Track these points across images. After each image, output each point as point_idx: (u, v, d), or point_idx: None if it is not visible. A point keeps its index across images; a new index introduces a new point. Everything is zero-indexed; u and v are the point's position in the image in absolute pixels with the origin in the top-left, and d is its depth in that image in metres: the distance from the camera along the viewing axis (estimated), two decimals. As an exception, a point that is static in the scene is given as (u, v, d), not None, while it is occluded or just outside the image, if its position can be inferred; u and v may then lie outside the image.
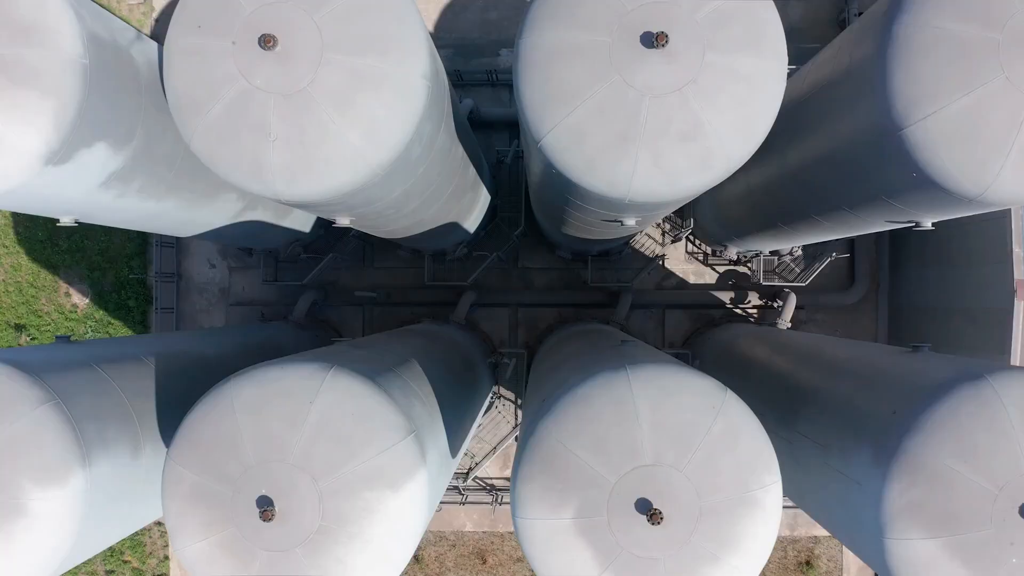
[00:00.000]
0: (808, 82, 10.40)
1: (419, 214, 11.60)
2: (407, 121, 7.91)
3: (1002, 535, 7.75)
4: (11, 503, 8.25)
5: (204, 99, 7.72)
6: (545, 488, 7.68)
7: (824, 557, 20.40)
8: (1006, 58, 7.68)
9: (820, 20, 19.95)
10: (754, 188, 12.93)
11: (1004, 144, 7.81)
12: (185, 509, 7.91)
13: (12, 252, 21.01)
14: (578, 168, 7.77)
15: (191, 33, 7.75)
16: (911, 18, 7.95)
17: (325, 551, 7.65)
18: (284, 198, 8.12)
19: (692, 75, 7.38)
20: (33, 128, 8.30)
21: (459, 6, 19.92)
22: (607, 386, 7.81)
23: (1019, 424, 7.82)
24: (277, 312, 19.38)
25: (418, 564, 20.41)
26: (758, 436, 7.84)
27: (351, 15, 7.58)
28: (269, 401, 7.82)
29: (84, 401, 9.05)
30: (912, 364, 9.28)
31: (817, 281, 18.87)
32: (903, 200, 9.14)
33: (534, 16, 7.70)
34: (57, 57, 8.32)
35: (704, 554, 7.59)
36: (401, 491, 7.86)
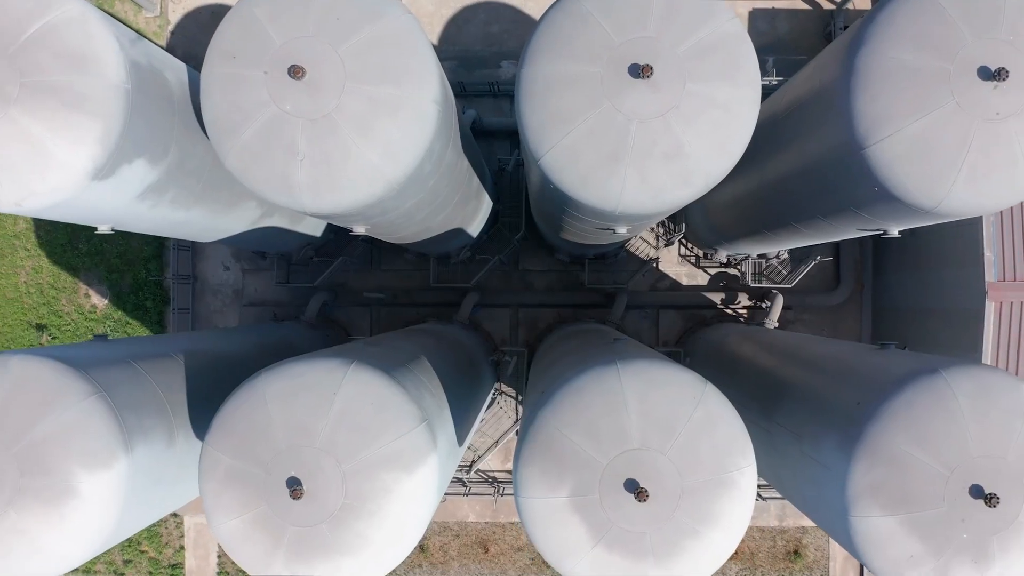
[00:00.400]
0: (785, 101, 11.32)
1: (427, 222, 12.51)
2: (420, 142, 8.82)
3: (953, 513, 8.66)
4: (62, 485, 9.15)
5: (239, 122, 8.63)
6: (544, 470, 8.60)
7: (812, 547, 21.31)
8: (956, 86, 8.59)
9: (807, 33, 20.87)
10: (740, 197, 13.85)
11: (955, 162, 8.72)
12: (221, 490, 8.82)
13: (33, 255, 21.91)
14: (573, 184, 8.68)
15: (227, 63, 8.66)
16: (872, 49, 8.87)
17: (347, 526, 8.56)
18: (310, 211, 9.03)
19: (674, 102, 8.29)
20: (82, 147, 9.21)
21: (462, 19, 20.84)
22: (599, 379, 8.73)
23: (969, 413, 8.73)
24: (288, 313, 20.29)
25: (423, 554, 21.32)
26: (734, 424, 8.76)
27: (370, 48, 8.49)
28: (297, 393, 8.73)
29: (124, 393, 9.96)
30: (877, 360, 10.20)
31: (804, 283, 19.79)
32: (869, 211, 10.06)
33: (534, 48, 8.61)
34: (103, 83, 9.23)
35: (686, 529, 8.50)
36: (415, 473, 8.77)
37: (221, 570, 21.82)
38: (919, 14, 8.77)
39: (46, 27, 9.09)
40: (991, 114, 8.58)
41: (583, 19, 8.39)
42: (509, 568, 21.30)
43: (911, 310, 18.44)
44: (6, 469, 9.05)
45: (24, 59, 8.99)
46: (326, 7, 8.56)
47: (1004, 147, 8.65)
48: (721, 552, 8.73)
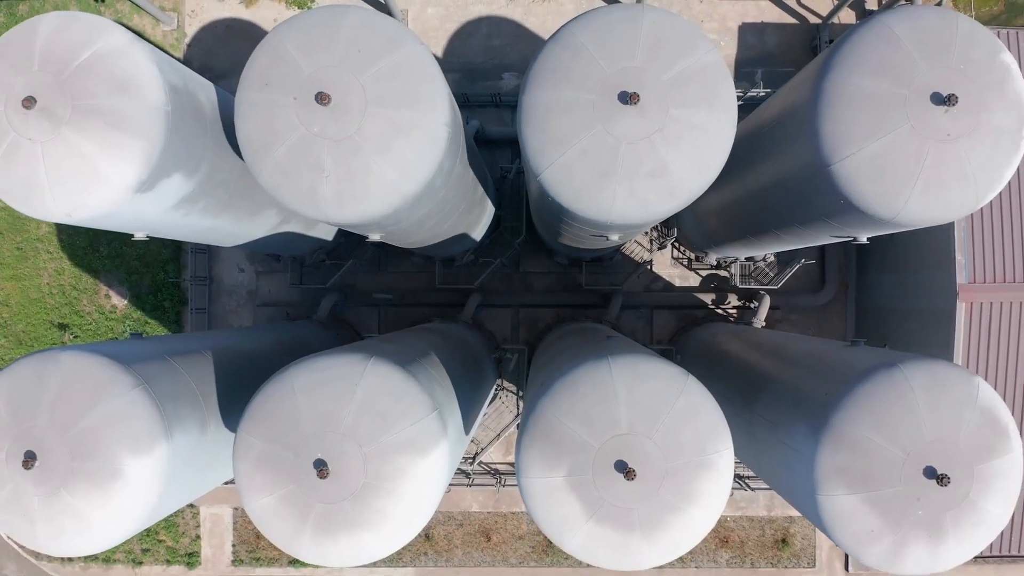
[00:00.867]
0: (764, 118, 12.36)
1: (436, 228, 13.55)
2: (432, 160, 9.85)
3: (909, 492, 9.69)
4: (110, 468, 10.17)
5: (271, 143, 9.66)
6: (543, 453, 9.63)
7: (799, 536, 22.35)
8: (911, 110, 9.62)
9: (794, 46, 21.91)
10: (726, 205, 14.88)
11: (911, 178, 9.75)
12: (254, 472, 9.84)
13: (56, 257, 22.93)
14: (569, 198, 9.71)
15: (260, 90, 9.69)
16: (837, 75, 9.90)
17: (368, 503, 9.58)
18: (333, 221, 10.06)
19: (659, 125, 9.32)
20: (127, 164, 10.23)
21: (465, 34, 21.87)
22: (592, 372, 9.76)
23: (923, 402, 9.76)
24: (300, 312, 21.33)
25: (429, 542, 22.36)
26: (713, 412, 9.78)
27: (389, 76, 9.52)
28: (322, 384, 9.76)
29: (163, 385, 10.99)
30: (845, 356, 11.23)
31: (791, 284, 20.83)
32: (838, 220, 11.09)
33: (534, 77, 9.64)
34: (145, 106, 10.26)
35: (669, 505, 9.52)
36: (428, 456, 9.80)
37: (235, 558, 22.85)
38: (879, 45, 9.81)
39: (94, 55, 10.12)
40: (943, 135, 9.61)
41: (578, 51, 9.42)
42: (510, 555, 22.33)
43: (891, 310, 19.47)
44: (59, 454, 10.07)
45: (75, 84, 10.02)
46: (349, 39, 9.58)
47: (954, 165, 9.68)
48: (701, 527, 9.75)
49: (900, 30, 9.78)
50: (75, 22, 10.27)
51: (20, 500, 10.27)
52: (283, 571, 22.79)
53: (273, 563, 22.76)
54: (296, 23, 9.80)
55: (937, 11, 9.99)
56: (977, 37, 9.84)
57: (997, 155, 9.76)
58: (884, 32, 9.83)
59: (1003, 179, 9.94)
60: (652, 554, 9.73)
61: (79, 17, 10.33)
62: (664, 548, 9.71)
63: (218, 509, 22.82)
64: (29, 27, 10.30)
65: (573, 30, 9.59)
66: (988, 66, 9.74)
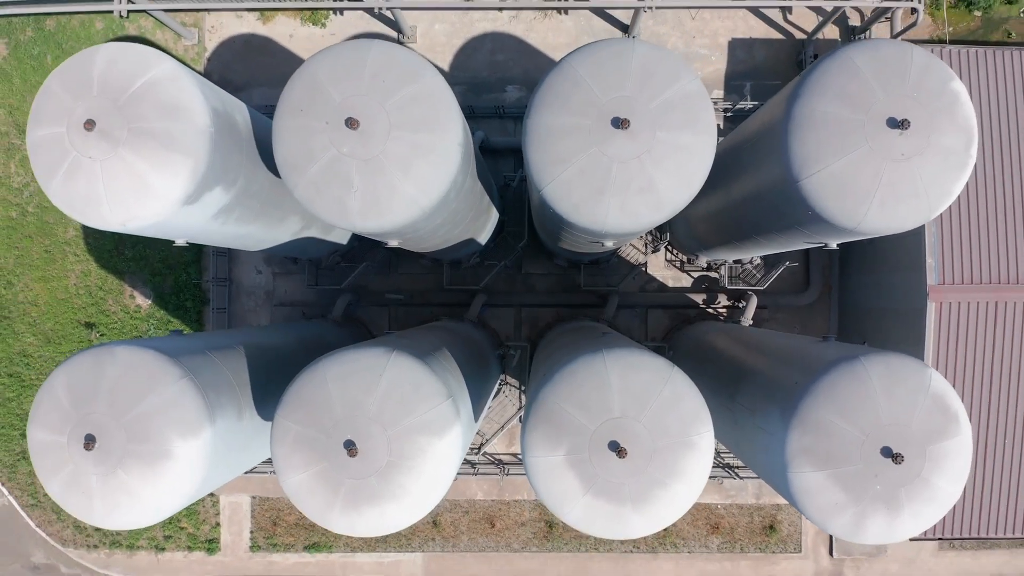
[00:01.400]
0: (744, 135, 13.66)
1: (447, 235, 14.85)
2: (447, 178, 11.15)
3: (868, 469, 10.98)
4: (161, 449, 11.45)
5: (305, 162, 10.95)
6: (545, 435, 10.92)
7: (786, 522, 23.65)
8: (869, 133, 10.90)
9: (781, 60, 23.20)
10: (712, 214, 16.19)
11: (869, 193, 11.04)
12: (290, 452, 11.13)
13: (83, 260, 24.22)
14: (567, 210, 11.01)
15: (295, 115, 10.99)
16: (804, 101, 11.20)
17: (391, 479, 10.88)
18: (359, 230, 11.36)
19: (647, 147, 10.61)
20: (176, 179, 11.52)
21: (471, 49, 23.16)
22: (589, 363, 11.06)
23: (880, 390, 11.05)
24: (316, 312, 22.63)
25: (436, 528, 23.66)
26: (696, 399, 11.08)
27: (410, 103, 10.82)
28: (351, 374, 11.06)
29: (205, 376, 12.28)
30: (815, 349, 12.53)
31: (778, 285, 22.13)
32: (809, 229, 12.38)
33: (537, 103, 10.93)
34: (192, 128, 11.55)
35: (656, 481, 10.81)
36: (444, 438, 11.11)
37: (253, 544, 24.14)
38: (842, 75, 11.10)
39: (147, 83, 11.42)
40: (897, 155, 10.90)
41: (577, 82, 10.72)
42: (513, 541, 23.63)
43: (870, 309, 20.78)
44: (117, 437, 11.36)
45: (130, 109, 11.32)
46: (375, 71, 10.88)
47: (908, 181, 10.98)
48: (685, 501, 11.05)
49: (861, 61, 11.07)
50: (129, 52, 11.55)
51: (80, 479, 11.54)
52: (299, 556, 24.09)
53: (289, 549, 24.07)
54: (327, 56, 11.09)
55: (894, 44, 11.28)
56: (930, 67, 11.11)
57: (946, 173, 11.05)
58: (847, 63, 11.12)
59: (952, 194, 11.23)
60: (642, 524, 11.01)
61: (133, 48, 11.62)
62: (652, 519, 11.00)
63: (237, 498, 24.12)
64: (87, 56, 11.58)
65: (572, 63, 10.88)
66: (939, 93, 11.02)
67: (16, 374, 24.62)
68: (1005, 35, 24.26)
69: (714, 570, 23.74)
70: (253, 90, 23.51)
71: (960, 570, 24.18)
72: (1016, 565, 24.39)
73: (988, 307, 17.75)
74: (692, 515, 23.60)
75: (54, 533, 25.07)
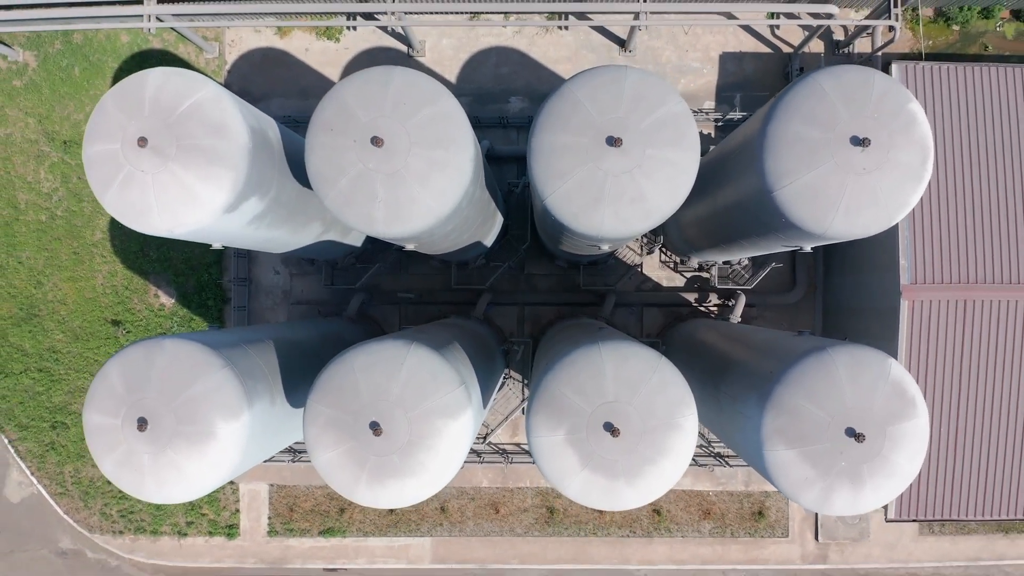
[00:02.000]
0: (727, 149, 15.06)
1: (457, 239, 16.26)
2: (460, 189, 12.56)
3: (834, 447, 12.37)
4: (206, 431, 12.84)
5: (335, 176, 12.36)
6: (547, 417, 12.33)
7: (773, 508, 25.06)
8: (834, 150, 12.29)
9: (769, 73, 24.60)
10: (700, 219, 17.60)
11: (835, 203, 12.44)
12: (321, 433, 12.53)
13: (109, 261, 25.63)
14: (567, 218, 12.41)
15: (326, 133, 12.39)
16: (778, 121, 12.59)
17: (411, 456, 12.28)
18: (382, 236, 12.77)
19: (638, 163, 12.02)
20: (219, 191, 12.92)
21: (476, 62, 24.57)
22: (586, 354, 12.46)
23: (845, 377, 12.44)
24: (331, 310, 24.04)
25: (444, 514, 25.07)
26: (681, 385, 12.47)
27: (428, 124, 12.23)
28: (375, 364, 12.46)
29: (243, 366, 13.69)
30: (791, 342, 13.94)
31: (765, 284, 23.54)
32: (784, 234, 13.79)
33: (540, 123, 12.33)
34: (233, 145, 12.95)
35: (646, 458, 12.21)
36: (457, 420, 12.51)
37: (271, 529, 25.56)
38: (811, 98, 12.49)
39: (194, 104, 12.82)
40: (859, 170, 12.30)
41: (575, 105, 12.12)
42: (516, 526, 25.04)
43: (851, 307, 22.19)
44: (166, 420, 12.76)
45: (179, 128, 12.71)
46: (397, 95, 12.28)
47: (869, 193, 12.38)
48: (672, 476, 12.44)
49: (828, 86, 12.47)
50: (177, 77, 12.94)
51: (132, 458, 12.92)
52: (314, 540, 25.51)
53: (305, 533, 25.48)
54: (354, 81, 12.49)
55: (858, 70, 12.68)
56: (889, 91, 12.51)
57: (903, 185, 12.45)
58: (815, 88, 12.52)
59: (909, 204, 12.62)
60: (633, 497, 12.42)
61: (180, 72, 13.01)
62: (642, 492, 12.40)
63: (255, 486, 25.53)
64: (139, 80, 12.97)
65: (572, 87, 12.29)
66: (897, 114, 12.42)
67: (46, 369, 26.03)
68: (982, 48, 25.65)
69: (706, 554, 25.15)
70: (271, 101, 24.91)
71: (939, 554, 25.57)
72: (993, 550, 25.78)
73: (957, 305, 19.14)
74: (685, 501, 25.03)
75: (81, 520, 26.48)
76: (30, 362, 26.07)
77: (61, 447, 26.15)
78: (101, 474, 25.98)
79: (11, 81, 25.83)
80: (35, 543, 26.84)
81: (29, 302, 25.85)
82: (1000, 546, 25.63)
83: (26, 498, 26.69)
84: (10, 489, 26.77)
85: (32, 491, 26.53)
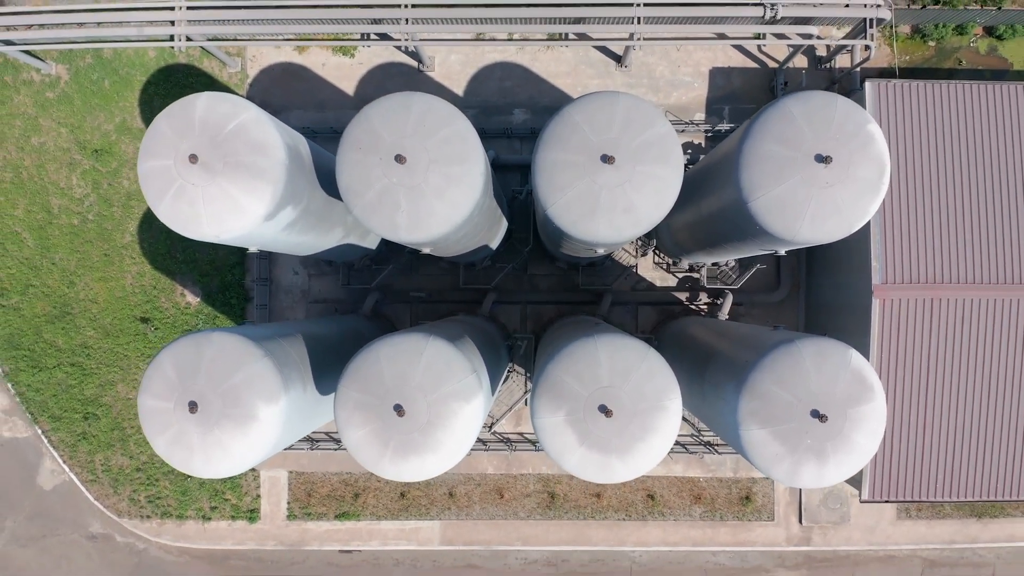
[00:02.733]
0: (710, 162, 16.80)
1: (467, 243, 18.01)
2: (472, 200, 14.30)
3: (800, 427, 14.09)
4: (249, 413, 14.57)
5: (363, 189, 14.10)
6: (549, 400, 14.06)
7: (760, 494, 26.80)
8: (801, 166, 14.01)
9: (756, 87, 26.34)
10: (688, 225, 19.34)
11: (801, 213, 14.17)
12: (351, 414, 14.26)
13: (138, 262, 27.37)
14: (567, 226, 14.15)
15: (356, 151, 14.13)
16: (752, 141, 14.32)
17: (430, 434, 14.01)
18: (403, 241, 14.52)
19: (629, 178, 13.76)
20: (260, 202, 14.66)
21: (482, 77, 26.31)
22: (584, 345, 14.20)
23: (811, 366, 14.16)
24: (347, 308, 25.77)
25: (452, 499, 26.82)
26: (667, 373, 14.21)
27: (444, 143, 13.96)
28: (398, 354, 14.20)
29: (279, 356, 15.43)
30: (766, 336, 15.67)
31: (752, 284, 25.27)
32: (760, 240, 15.53)
33: (544, 142, 14.06)
34: (273, 161, 14.68)
35: (636, 436, 13.94)
36: (470, 403, 14.25)
37: (290, 513, 27.31)
38: (780, 121, 14.21)
39: (238, 125, 14.56)
40: (823, 184, 14.03)
41: (574, 127, 13.87)
42: (520, 510, 26.80)
43: (830, 305, 23.93)
44: (214, 403, 14.49)
45: (226, 146, 14.45)
46: (417, 117, 14.02)
47: (831, 204, 14.10)
48: (659, 452, 14.16)
49: (795, 110, 14.21)
50: (223, 101, 14.68)
51: (183, 437, 14.65)
52: (330, 524, 27.26)
53: (321, 517, 27.23)
54: (379, 105, 14.23)
55: (823, 95, 14.40)
56: (850, 113, 14.23)
57: (862, 197, 14.17)
58: (785, 111, 14.26)
59: (868, 213, 14.35)
60: (625, 471, 14.14)
61: (226, 96, 14.75)
62: (633, 467, 14.14)
63: (275, 472, 27.29)
64: (188, 103, 14.71)
65: (571, 111, 14.03)
66: (856, 134, 14.14)
67: (78, 364, 27.77)
68: (956, 63, 27.38)
69: (697, 536, 26.90)
70: (290, 112, 26.66)
71: (916, 537, 27.30)
72: (967, 533, 27.48)
73: (924, 302, 20.88)
74: (677, 487, 26.77)
75: (110, 505, 28.22)
76: (63, 357, 27.80)
77: (92, 437, 27.88)
78: (130, 462, 27.79)
79: (44, 93, 27.55)
80: (67, 528, 28.55)
81: (62, 301, 27.57)
82: (973, 530, 27.33)
83: (58, 485, 28.42)
84: (43, 477, 28.51)
85: (64, 479, 28.24)
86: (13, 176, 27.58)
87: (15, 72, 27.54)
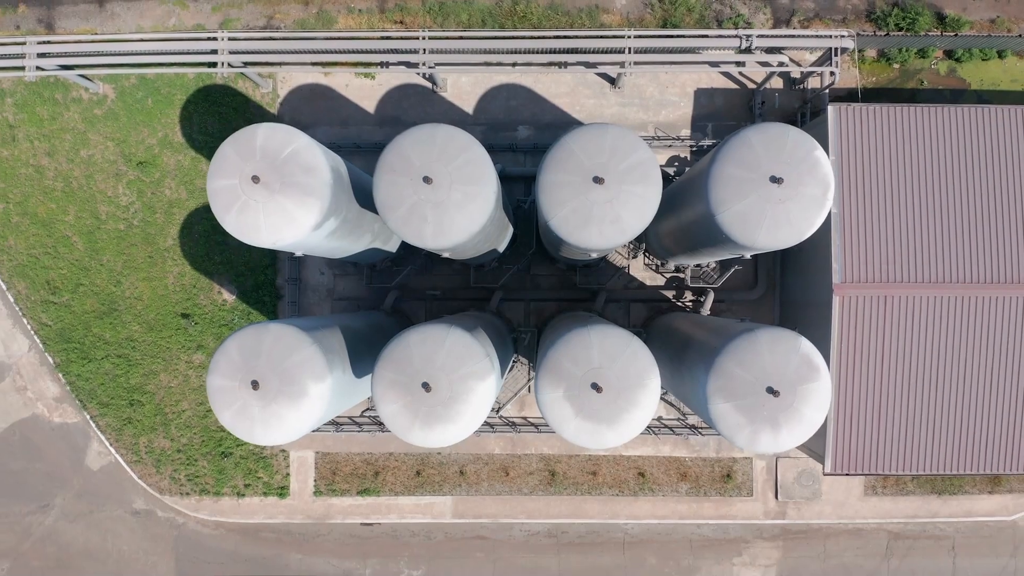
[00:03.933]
0: (686, 180, 19.76)
1: (478, 247, 20.99)
2: (487, 214, 17.27)
3: (758, 401, 17.01)
4: (301, 390, 17.51)
5: (396, 204, 17.07)
6: (550, 380, 17.02)
7: (740, 472, 29.76)
8: (758, 186, 16.94)
9: (736, 106, 29.27)
10: (671, 231, 22.31)
11: (759, 224, 17.11)
12: (386, 391, 17.22)
13: (179, 264, 30.31)
14: (565, 234, 17.13)
15: (390, 173, 17.09)
16: (718, 164, 17.26)
17: (451, 407, 16.97)
18: (428, 247, 17.52)
19: (616, 195, 16.72)
20: (311, 215, 17.61)
21: (490, 96, 29.25)
22: (579, 334, 17.16)
23: (767, 351, 17.10)
24: (367, 304, 28.73)
25: (463, 476, 29.80)
26: (648, 357, 17.15)
27: (465, 166, 16.93)
28: (425, 340, 17.17)
29: (324, 344, 18.39)
30: (734, 326, 18.63)
31: (732, 283, 28.22)
32: (727, 245, 18.49)
33: (545, 167, 17.03)
34: (321, 181, 17.63)
35: (622, 408, 16.88)
36: (484, 381, 17.22)
37: (316, 490, 30.29)
38: (742, 147, 17.16)
39: (293, 151, 17.52)
40: (776, 200, 16.97)
41: (571, 153, 16.84)
42: (523, 487, 29.79)
43: (800, 302, 26.89)
44: (273, 382, 17.41)
45: (283, 168, 17.40)
46: (442, 145, 16.97)
47: (783, 216, 17.05)
48: (640, 422, 17.09)
49: (754, 139, 17.15)
50: (280, 130, 17.62)
51: (246, 411, 17.56)
52: (352, 499, 30.24)
53: (345, 493, 30.21)
54: (410, 135, 17.16)
55: (778, 127, 17.35)
56: (800, 141, 17.17)
57: (809, 211, 17.11)
58: (745, 140, 17.20)
59: (815, 224, 17.28)
60: (613, 438, 17.06)
61: (281, 127, 17.70)
62: (619, 434, 17.06)
63: (303, 453, 30.26)
64: (250, 132, 17.64)
65: (568, 140, 17.00)
66: (805, 159, 17.07)
67: (124, 355, 30.72)
68: (919, 83, 30.26)
69: (683, 510, 29.87)
70: (317, 128, 29.61)
71: (881, 511, 30.21)
72: (928, 508, 30.36)
73: (878, 299, 23.82)
74: (665, 466, 29.73)
75: (153, 484, 31.17)
76: (110, 349, 30.72)
77: (137, 421, 30.83)
78: (171, 444, 30.76)
79: (93, 110, 30.48)
80: (112, 505, 31.47)
81: (109, 299, 30.51)
82: (934, 505, 30.22)
83: (104, 466, 31.34)
84: (91, 458, 31.43)
85: (110, 460, 31.17)
86: (64, 185, 30.50)
87: (65, 91, 30.45)
